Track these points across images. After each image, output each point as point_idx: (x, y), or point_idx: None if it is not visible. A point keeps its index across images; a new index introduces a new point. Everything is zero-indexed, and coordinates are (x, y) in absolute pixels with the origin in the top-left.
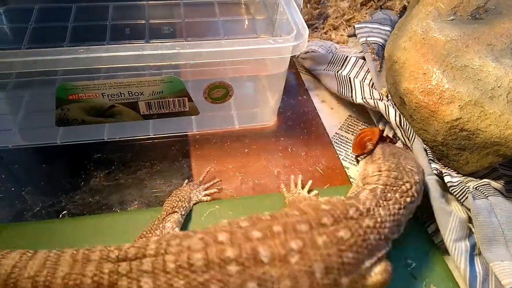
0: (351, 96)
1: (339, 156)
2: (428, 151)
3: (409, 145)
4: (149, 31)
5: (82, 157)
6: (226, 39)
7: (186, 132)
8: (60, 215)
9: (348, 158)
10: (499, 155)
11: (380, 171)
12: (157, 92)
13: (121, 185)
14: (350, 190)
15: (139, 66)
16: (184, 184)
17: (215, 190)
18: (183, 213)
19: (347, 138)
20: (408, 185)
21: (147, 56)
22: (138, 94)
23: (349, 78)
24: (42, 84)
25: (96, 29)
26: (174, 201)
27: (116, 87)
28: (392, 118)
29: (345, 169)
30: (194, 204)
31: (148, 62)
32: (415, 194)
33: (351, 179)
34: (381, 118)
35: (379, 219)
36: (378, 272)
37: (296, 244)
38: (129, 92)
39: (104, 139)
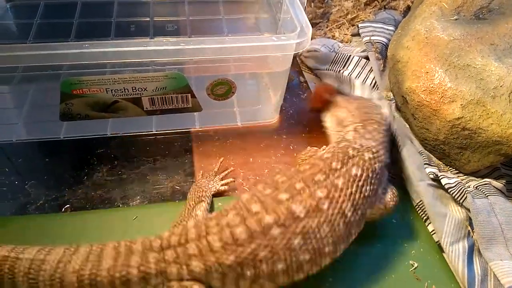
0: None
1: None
2: (423, 155)
3: (398, 153)
4: (154, 28)
5: (85, 152)
6: (229, 36)
7: (189, 129)
8: (63, 209)
9: None
10: (501, 154)
11: (350, 111)
12: (161, 88)
13: (123, 180)
14: (333, 139)
15: (143, 61)
16: (200, 177)
17: (231, 179)
18: (208, 201)
19: None
20: (379, 115)
21: (151, 52)
22: (142, 89)
23: (350, 78)
24: (47, 78)
25: (101, 26)
26: (198, 191)
27: (120, 82)
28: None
29: None
30: (213, 194)
31: (152, 58)
32: (387, 120)
33: None
34: None
35: (374, 150)
36: (389, 198)
37: (322, 192)
38: (133, 88)
39: (107, 134)
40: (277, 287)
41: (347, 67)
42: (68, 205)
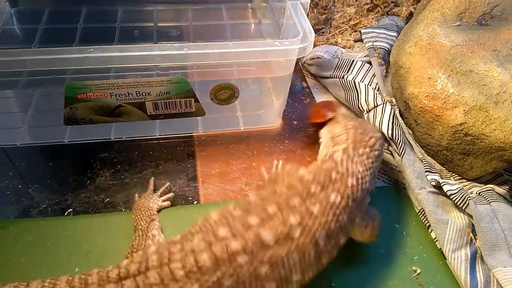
0: (359, 103)
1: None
2: (424, 162)
3: (399, 161)
4: (157, 33)
5: (89, 156)
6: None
7: (192, 133)
8: (66, 213)
9: None
10: (504, 160)
11: (346, 129)
12: (164, 93)
13: (126, 184)
14: (320, 152)
15: (147, 66)
16: (137, 198)
17: (171, 194)
18: (158, 219)
19: None
20: (373, 139)
21: (155, 57)
22: (146, 94)
23: (354, 82)
24: (51, 83)
25: (105, 32)
26: (144, 211)
27: (124, 87)
28: (384, 130)
29: None
30: (158, 211)
31: (156, 62)
32: (381, 147)
33: None
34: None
35: (359, 175)
36: (370, 232)
37: (294, 219)
38: (137, 92)
39: (111, 139)
40: None
41: (351, 71)
42: (71, 209)
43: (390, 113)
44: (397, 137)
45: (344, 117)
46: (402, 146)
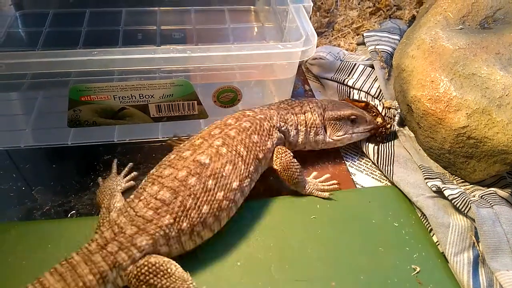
0: None
1: (346, 162)
2: (423, 169)
3: (386, 178)
4: (160, 36)
5: (92, 158)
6: (235, 44)
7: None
8: (69, 215)
9: (354, 165)
10: (507, 164)
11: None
12: (167, 95)
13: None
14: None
15: (150, 69)
16: (101, 181)
17: (135, 173)
18: (120, 195)
19: (354, 144)
20: (300, 107)
21: (159, 60)
22: (149, 96)
23: (349, 91)
24: (55, 85)
25: (109, 34)
26: (106, 191)
27: (127, 89)
28: (370, 154)
29: (352, 175)
30: (121, 191)
31: (159, 65)
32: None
33: (357, 185)
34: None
35: (268, 115)
36: (277, 157)
37: (218, 141)
38: (140, 95)
39: (114, 141)
40: (213, 234)
41: (352, 76)
42: (74, 211)
43: None
44: (382, 161)
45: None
46: (388, 169)
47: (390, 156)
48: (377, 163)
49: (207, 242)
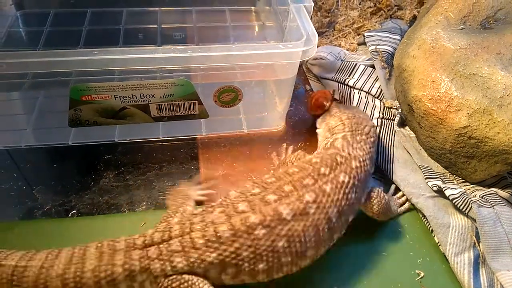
0: None
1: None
2: (423, 169)
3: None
4: (161, 36)
5: (93, 158)
6: (236, 44)
7: (195, 135)
8: (70, 214)
9: None
10: (508, 164)
11: (341, 120)
12: (168, 95)
13: (130, 186)
14: (320, 142)
15: (151, 69)
16: (178, 185)
17: (212, 191)
18: (193, 203)
19: None
20: (367, 127)
21: (159, 59)
22: (150, 96)
23: (350, 91)
24: (56, 85)
25: (109, 34)
26: (181, 194)
27: (128, 89)
28: None
29: None
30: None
31: (160, 65)
32: (375, 134)
33: None
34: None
35: (361, 159)
36: (374, 203)
37: (310, 196)
38: (141, 94)
39: (115, 141)
40: (256, 282)
41: (353, 76)
42: (74, 211)
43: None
44: (382, 160)
45: (338, 108)
46: (388, 168)
47: (390, 156)
48: (377, 162)
49: None
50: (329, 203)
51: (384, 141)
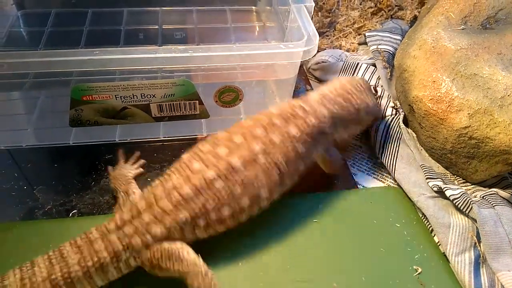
0: None
1: (347, 161)
2: (424, 169)
3: (388, 179)
4: (162, 36)
5: (94, 158)
6: (237, 44)
7: (196, 135)
8: (70, 214)
9: (355, 165)
10: (508, 164)
11: (338, 83)
12: (169, 95)
13: None
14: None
15: (152, 69)
16: (111, 170)
17: (143, 160)
18: (135, 183)
19: (354, 144)
20: (355, 98)
21: (160, 59)
22: (150, 96)
23: None
24: (57, 85)
25: (110, 34)
26: (121, 178)
27: (129, 89)
28: (376, 149)
29: (352, 175)
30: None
31: (160, 65)
32: (359, 108)
33: (358, 185)
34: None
35: (321, 118)
36: (324, 160)
37: (259, 147)
38: (142, 94)
39: (115, 141)
40: (227, 228)
41: (356, 74)
42: (75, 210)
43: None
44: (386, 156)
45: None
46: (391, 164)
47: (394, 152)
48: (381, 157)
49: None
50: (278, 154)
51: (391, 135)
